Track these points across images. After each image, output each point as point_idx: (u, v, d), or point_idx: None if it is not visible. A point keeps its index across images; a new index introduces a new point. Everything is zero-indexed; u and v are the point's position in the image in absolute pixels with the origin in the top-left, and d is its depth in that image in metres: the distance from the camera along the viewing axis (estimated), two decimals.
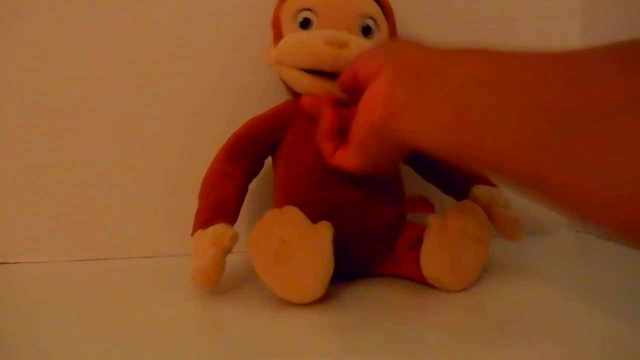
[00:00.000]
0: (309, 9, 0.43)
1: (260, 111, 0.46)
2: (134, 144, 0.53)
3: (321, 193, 0.42)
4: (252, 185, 0.45)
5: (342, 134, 0.40)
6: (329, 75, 0.42)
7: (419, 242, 0.41)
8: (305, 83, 0.43)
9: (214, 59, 0.53)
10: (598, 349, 0.32)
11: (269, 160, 0.47)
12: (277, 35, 0.45)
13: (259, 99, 0.48)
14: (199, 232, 0.41)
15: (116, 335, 0.35)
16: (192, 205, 0.44)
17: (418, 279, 0.42)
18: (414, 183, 0.48)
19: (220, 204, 0.42)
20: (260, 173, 0.46)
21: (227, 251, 0.40)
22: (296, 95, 0.45)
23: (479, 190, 0.46)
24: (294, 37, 0.43)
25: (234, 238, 0.40)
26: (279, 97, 0.47)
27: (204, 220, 0.41)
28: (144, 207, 0.53)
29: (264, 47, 0.47)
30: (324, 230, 0.38)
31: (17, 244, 0.52)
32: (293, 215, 0.38)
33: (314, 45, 0.41)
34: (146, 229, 0.54)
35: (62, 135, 0.52)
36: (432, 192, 0.49)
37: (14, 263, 0.52)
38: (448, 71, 0.29)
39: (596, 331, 0.34)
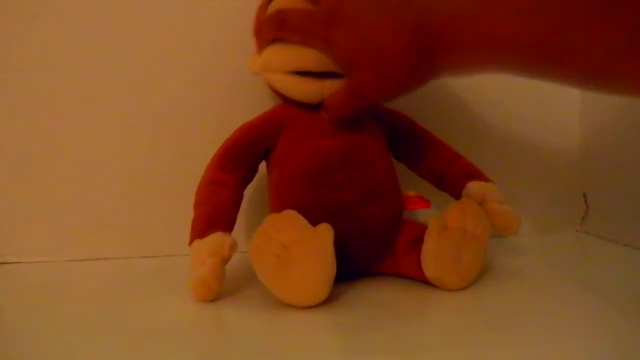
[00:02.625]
0: None
1: (257, 107, 0.46)
2: (133, 143, 0.53)
3: (315, 195, 0.42)
4: (249, 189, 0.45)
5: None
6: (316, 74, 0.42)
7: (418, 241, 0.42)
8: (292, 84, 0.43)
9: (217, 58, 0.53)
10: (597, 349, 0.32)
11: (263, 165, 0.46)
12: (262, 44, 0.44)
13: (261, 99, 0.48)
14: (197, 242, 0.40)
15: (116, 335, 0.35)
16: (192, 205, 0.44)
17: (419, 278, 0.42)
18: (410, 180, 0.48)
19: (216, 213, 0.42)
20: (258, 177, 0.46)
21: (226, 260, 0.39)
22: (286, 99, 0.45)
23: (473, 186, 0.46)
24: (276, 45, 0.42)
25: (233, 247, 0.39)
26: (275, 99, 0.47)
27: (200, 230, 0.41)
28: (143, 207, 0.53)
29: (249, 55, 0.46)
30: (325, 233, 0.37)
31: (17, 244, 0.52)
32: (292, 219, 0.38)
33: (297, 47, 0.41)
34: (146, 229, 0.54)
35: (62, 135, 0.52)
36: (428, 189, 0.49)
37: (13, 263, 0.52)
38: None
39: (595, 331, 0.34)
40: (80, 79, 0.52)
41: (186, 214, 0.43)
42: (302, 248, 0.36)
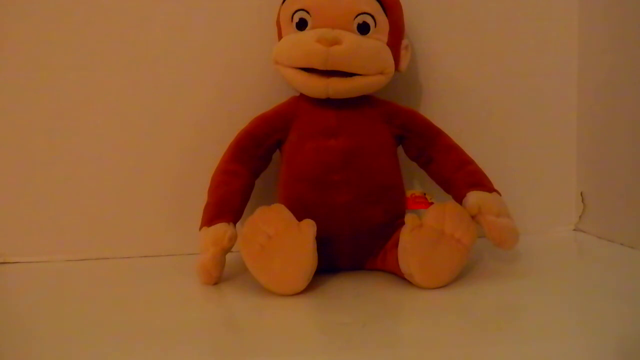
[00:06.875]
0: (303, 10, 0.44)
1: (263, 110, 0.47)
2: (134, 144, 0.53)
3: (314, 194, 0.44)
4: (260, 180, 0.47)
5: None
6: (322, 72, 0.42)
7: None
8: (298, 80, 0.44)
9: (217, 58, 0.54)
10: (593, 347, 0.32)
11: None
12: (279, 36, 0.46)
13: (261, 99, 0.49)
14: (204, 229, 0.44)
15: (116, 333, 0.35)
16: (192, 205, 0.45)
17: (400, 274, 0.43)
18: (417, 179, 0.49)
19: (223, 202, 0.45)
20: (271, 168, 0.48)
21: (226, 250, 0.43)
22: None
23: (472, 196, 0.45)
24: (289, 37, 0.44)
25: (232, 239, 0.43)
26: (282, 96, 0.48)
27: (208, 218, 0.44)
28: (144, 206, 0.53)
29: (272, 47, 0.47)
30: (307, 228, 0.40)
31: (17, 244, 0.52)
32: (279, 213, 0.40)
33: (306, 44, 0.42)
34: (146, 228, 0.54)
35: (62, 135, 0.52)
36: (434, 188, 0.49)
37: (13, 263, 0.52)
38: None
39: (591, 329, 0.34)
40: (80, 79, 0.52)
41: (187, 214, 0.43)
42: (284, 241, 0.39)
